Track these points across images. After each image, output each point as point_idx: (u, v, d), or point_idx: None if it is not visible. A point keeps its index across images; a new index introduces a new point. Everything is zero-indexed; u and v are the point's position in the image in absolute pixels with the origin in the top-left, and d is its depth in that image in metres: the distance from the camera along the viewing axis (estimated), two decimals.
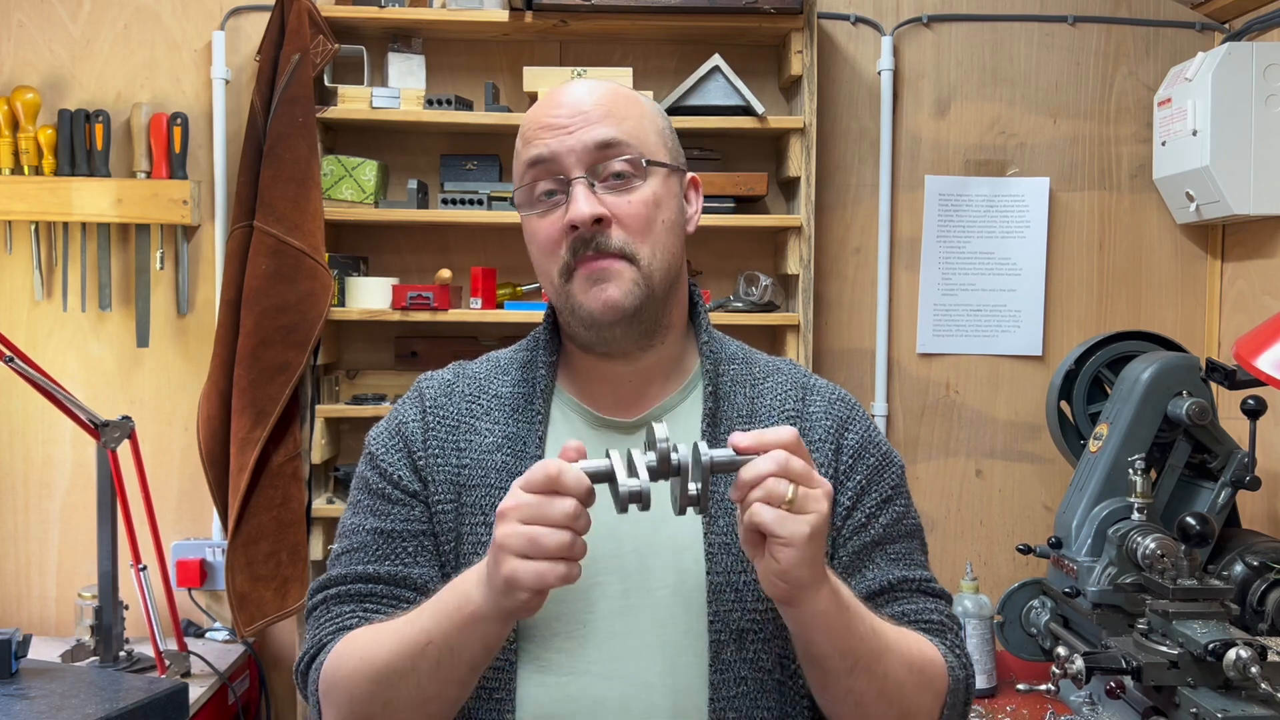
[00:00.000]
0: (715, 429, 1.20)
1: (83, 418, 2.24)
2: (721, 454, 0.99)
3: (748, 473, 0.98)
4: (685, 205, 1.26)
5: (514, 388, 1.27)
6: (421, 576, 1.20)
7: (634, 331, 1.20)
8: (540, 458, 1.19)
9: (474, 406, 1.27)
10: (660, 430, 0.99)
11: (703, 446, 0.98)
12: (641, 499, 0.97)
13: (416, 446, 1.24)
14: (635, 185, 1.17)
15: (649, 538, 1.17)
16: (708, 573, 1.15)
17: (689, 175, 1.27)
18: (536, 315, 2.51)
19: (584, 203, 1.14)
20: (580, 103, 1.18)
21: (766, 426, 1.19)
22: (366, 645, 1.12)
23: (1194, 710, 1.60)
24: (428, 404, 1.28)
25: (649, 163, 1.18)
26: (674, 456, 0.98)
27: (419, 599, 1.15)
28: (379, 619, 1.16)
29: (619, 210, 1.16)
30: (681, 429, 1.22)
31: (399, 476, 1.24)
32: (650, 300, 1.18)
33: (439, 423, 1.25)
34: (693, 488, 0.98)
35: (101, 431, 2.25)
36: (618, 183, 1.17)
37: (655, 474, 0.98)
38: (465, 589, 1.05)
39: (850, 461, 1.23)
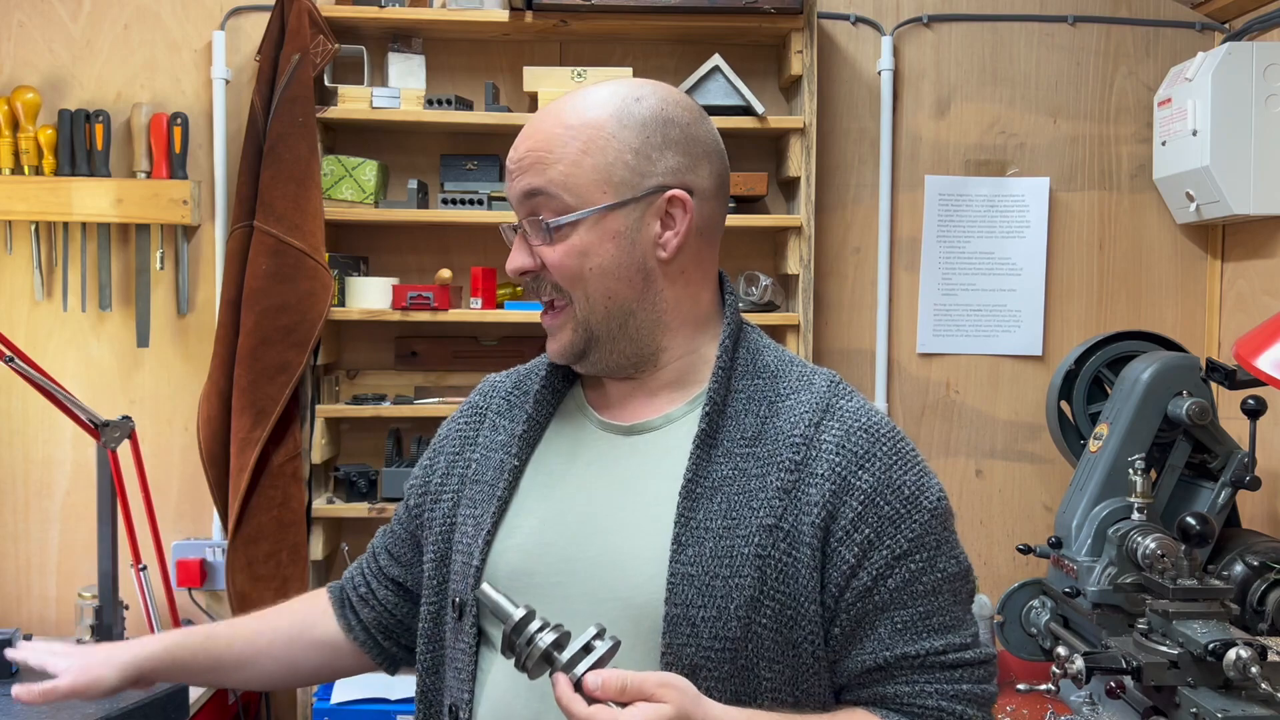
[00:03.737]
0: (711, 451, 1.15)
1: (83, 418, 2.24)
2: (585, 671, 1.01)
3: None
4: (663, 228, 1.17)
5: (540, 384, 1.29)
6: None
7: (600, 367, 1.21)
8: (513, 455, 1.25)
9: (502, 403, 1.33)
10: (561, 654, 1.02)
11: (582, 667, 1.00)
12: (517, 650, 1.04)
13: (439, 447, 1.36)
14: (561, 235, 1.16)
15: (612, 546, 1.15)
16: (666, 602, 1.10)
17: (667, 194, 1.16)
18: (536, 315, 2.51)
19: (514, 254, 1.20)
20: (520, 144, 1.18)
21: (771, 452, 1.14)
22: None
23: (1194, 710, 1.60)
24: (475, 398, 1.37)
25: (556, 227, 1.15)
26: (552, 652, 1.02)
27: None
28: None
29: (546, 259, 1.17)
30: (674, 444, 1.18)
31: (413, 481, 1.38)
32: (595, 342, 1.19)
33: (468, 417, 1.35)
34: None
35: (101, 431, 2.25)
36: (544, 231, 1.16)
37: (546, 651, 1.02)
38: None
39: (859, 508, 1.12)
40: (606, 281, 1.17)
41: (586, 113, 1.17)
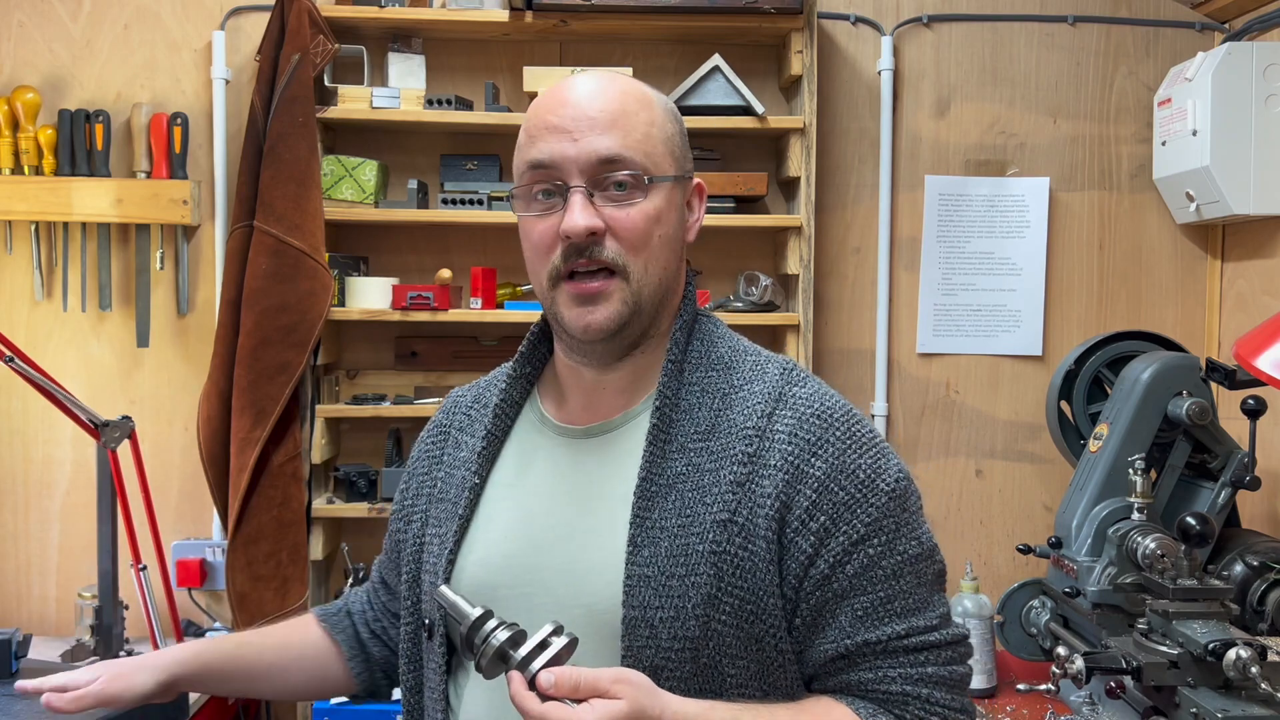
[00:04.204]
0: (665, 447, 1.14)
1: (83, 418, 2.24)
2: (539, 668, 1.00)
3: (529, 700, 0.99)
4: (687, 213, 1.22)
5: (499, 396, 1.27)
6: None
7: (615, 346, 1.18)
8: (474, 472, 1.23)
9: (464, 418, 1.32)
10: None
11: (535, 665, 0.99)
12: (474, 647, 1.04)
13: (412, 469, 1.35)
14: (636, 199, 1.13)
15: (573, 552, 1.15)
16: (623, 604, 1.09)
17: (694, 181, 1.23)
18: (537, 315, 2.50)
19: (580, 214, 1.11)
20: (587, 106, 1.13)
21: (724, 445, 1.13)
22: None
23: (1194, 710, 1.60)
24: (440, 416, 1.36)
25: (652, 180, 1.14)
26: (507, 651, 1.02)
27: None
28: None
29: (616, 222, 1.13)
30: (633, 443, 1.17)
31: (393, 505, 1.39)
32: (637, 316, 1.15)
33: (434, 436, 1.35)
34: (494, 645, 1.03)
35: (101, 431, 2.25)
36: (618, 194, 1.13)
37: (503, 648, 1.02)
38: None
39: (813, 496, 1.10)
40: (664, 252, 1.17)
41: (637, 90, 1.18)
